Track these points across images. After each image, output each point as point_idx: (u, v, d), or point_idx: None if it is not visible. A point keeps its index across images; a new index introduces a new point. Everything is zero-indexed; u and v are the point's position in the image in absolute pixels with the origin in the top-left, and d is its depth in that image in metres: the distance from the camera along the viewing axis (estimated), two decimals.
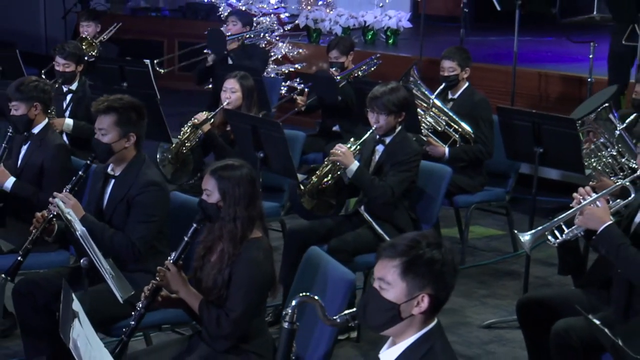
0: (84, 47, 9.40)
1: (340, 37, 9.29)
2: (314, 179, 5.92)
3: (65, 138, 7.21)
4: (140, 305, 4.22)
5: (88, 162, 5.03)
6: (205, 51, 8.92)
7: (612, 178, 5.79)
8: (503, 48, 10.95)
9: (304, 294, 3.11)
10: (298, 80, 11.15)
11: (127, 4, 15.20)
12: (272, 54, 11.67)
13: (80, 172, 5.05)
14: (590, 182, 5.86)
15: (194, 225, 4.22)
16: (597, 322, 3.80)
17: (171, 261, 4.19)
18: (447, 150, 7.12)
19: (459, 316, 6.32)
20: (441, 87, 7.28)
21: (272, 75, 11.53)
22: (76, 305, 2.96)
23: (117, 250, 4.80)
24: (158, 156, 6.69)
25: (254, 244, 4.15)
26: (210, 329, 4.13)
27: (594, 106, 6.38)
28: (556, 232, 4.77)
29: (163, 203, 4.90)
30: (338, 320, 3.05)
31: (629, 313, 4.56)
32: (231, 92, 6.64)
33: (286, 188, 6.55)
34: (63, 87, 7.49)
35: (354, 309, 3.05)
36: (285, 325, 3.08)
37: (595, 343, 4.53)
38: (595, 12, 9.42)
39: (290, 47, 11.77)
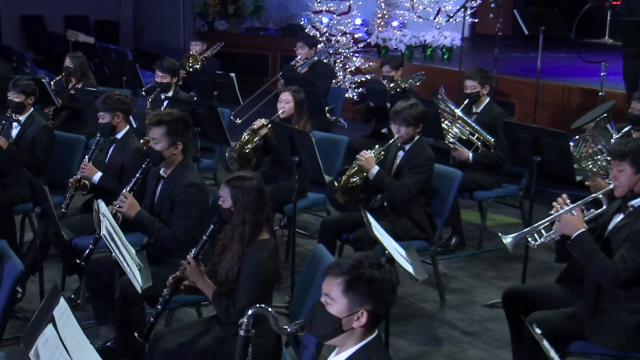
0: (190, 61, 9.16)
1: (392, 55, 8.77)
2: (344, 178, 5.50)
3: None
4: (165, 292, 3.90)
5: (144, 166, 4.72)
6: (281, 80, 8.56)
7: (605, 180, 5.23)
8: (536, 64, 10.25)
9: (258, 305, 2.69)
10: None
11: (242, 25, 14.92)
12: (347, 66, 11.26)
13: (137, 175, 4.73)
14: (586, 182, 5.41)
15: (212, 225, 3.86)
16: (539, 331, 3.28)
17: (192, 256, 3.84)
18: (471, 155, 6.58)
19: (467, 295, 5.81)
20: (465, 102, 6.75)
21: (346, 84, 11.13)
22: (58, 311, 2.54)
23: (163, 240, 4.52)
24: (227, 155, 6.35)
25: (260, 244, 3.76)
26: (221, 315, 3.78)
27: (594, 116, 5.83)
28: (536, 236, 4.31)
29: (201, 201, 4.54)
30: (288, 330, 2.63)
31: (596, 310, 4.03)
32: (285, 103, 6.23)
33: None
34: (161, 95, 7.25)
35: (303, 320, 2.63)
36: (241, 333, 2.68)
37: (565, 334, 4.05)
38: (606, 37, 8.76)
39: (362, 61, 11.36)
